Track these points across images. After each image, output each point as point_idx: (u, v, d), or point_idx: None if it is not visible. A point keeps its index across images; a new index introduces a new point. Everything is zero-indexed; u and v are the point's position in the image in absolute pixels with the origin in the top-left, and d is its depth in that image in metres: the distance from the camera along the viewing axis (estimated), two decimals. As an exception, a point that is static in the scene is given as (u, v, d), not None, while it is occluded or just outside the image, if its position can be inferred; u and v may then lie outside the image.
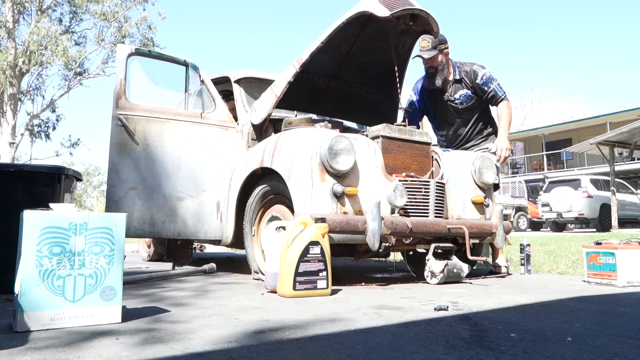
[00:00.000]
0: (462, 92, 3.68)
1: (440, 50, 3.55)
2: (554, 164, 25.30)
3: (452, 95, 3.70)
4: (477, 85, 3.63)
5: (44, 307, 1.61)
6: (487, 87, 3.61)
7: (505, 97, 3.63)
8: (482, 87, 3.61)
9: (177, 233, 3.32)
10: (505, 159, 3.60)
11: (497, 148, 3.60)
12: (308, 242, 2.36)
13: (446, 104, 3.74)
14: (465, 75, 3.65)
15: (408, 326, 1.66)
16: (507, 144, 3.59)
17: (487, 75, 3.62)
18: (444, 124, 3.87)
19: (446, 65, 3.64)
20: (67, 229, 1.66)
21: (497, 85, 3.62)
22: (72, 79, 19.28)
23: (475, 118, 3.76)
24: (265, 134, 3.53)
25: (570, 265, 3.89)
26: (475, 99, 3.68)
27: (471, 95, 3.67)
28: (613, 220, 13.65)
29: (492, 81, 3.61)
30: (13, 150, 17.75)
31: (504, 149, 3.58)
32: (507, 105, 3.63)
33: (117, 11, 19.17)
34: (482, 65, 3.68)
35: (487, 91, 3.61)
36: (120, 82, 3.26)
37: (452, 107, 3.73)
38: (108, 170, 3.16)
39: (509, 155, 3.62)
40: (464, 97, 3.68)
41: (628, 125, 14.46)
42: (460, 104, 3.70)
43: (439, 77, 3.64)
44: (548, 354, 1.31)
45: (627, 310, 2.01)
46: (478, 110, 3.74)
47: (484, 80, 3.61)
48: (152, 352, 1.31)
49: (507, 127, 3.63)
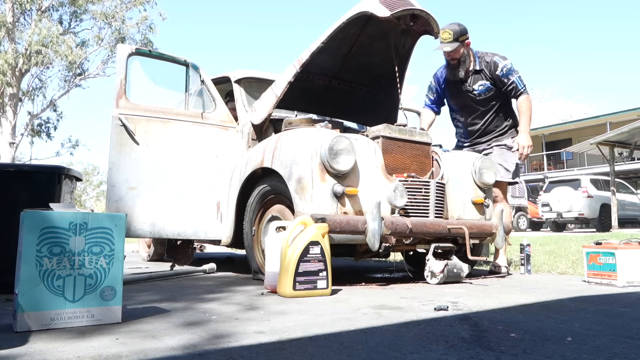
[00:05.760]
0: (481, 83, 3.65)
1: (462, 41, 3.54)
2: (554, 164, 25.30)
3: (471, 85, 3.67)
4: (497, 77, 3.59)
5: (44, 307, 1.61)
6: (507, 79, 3.57)
7: (525, 90, 3.58)
8: (502, 78, 3.57)
9: (177, 233, 3.32)
10: (527, 156, 3.58)
11: (518, 145, 3.57)
12: (308, 242, 2.36)
13: (465, 94, 3.72)
14: (486, 66, 3.62)
15: (408, 326, 1.66)
16: (528, 141, 3.55)
17: (508, 66, 3.58)
18: (462, 114, 3.85)
19: (467, 56, 3.61)
20: (67, 229, 1.66)
21: (518, 77, 3.58)
22: (72, 79, 19.29)
23: (494, 110, 3.71)
24: (265, 134, 3.53)
25: (570, 265, 3.89)
26: (494, 91, 3.64)
27: (490, 86, 3.63)
28: (613, 220, 13.66)
29: (513, 73, 3.57)
30: (13, 150, 17.76)
31: (525, 147, 3.54)
32: (527, 99, 3.59)
33: (116, 12, 19.17)
34: (503, 57, 3.63)
35: (507, 83, 3.57)
36: (121, 82, 3.26)
37: (471, 97, 3.70)
38: (108, 170, 3.16)
39: (530, 153, 3.58)
40: (482, 88, 3.65)
41: (628, 125, 14.47)
42: (479, 94, 3.67)
43: (462, 68, 3.63)
44: (548, 354, 1.31)
45: (627, 310, 2.01)
46: (497, 102, 3.69)
47: (504, 72, 3.57)
48: (152, 352, 1.31)
49: (528, 123, 3.59)
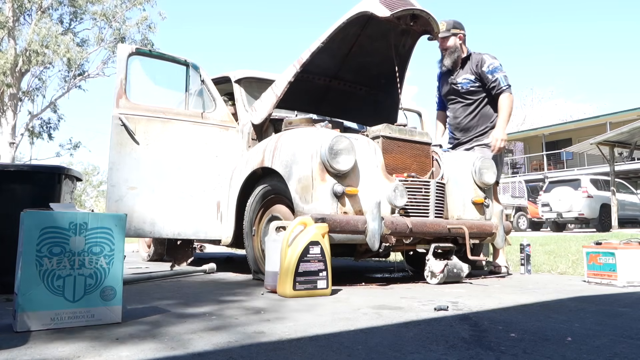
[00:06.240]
0: (465, 77, 3.70)
1: (454, 34, 3.63)
2: (554, 164, 25.29)
3: (456, 78, 3.73)
4: (482, 73, 3.63)
5: (44, 307, 1.61)
6: (492, 76, 3.60)
7: (507, 89, 3.59)
8: (487, 74, 3.61)
9: (177, 233, 3.32)
10: (500, 149, 3.57)
11: (492, 138, 3.59)
12: (308, 242, 2.36)
13: (450, 86, 3.79)
14: (474, 62, 3.68)
15: (408, 326, 1.66)
16: (502, 135, 3.56)
17: (495, 65, 3.61)
18: (449, 107, 3.90)
19: (458, 50, 3.68)
20: (67, 229, 1.66)
21: (503, 76, 3.60)
22: (72, 79, 19.29)
23: (476, 106, 3.73)
24: (265, 134, 3.53)
25: (570, 265, 3.89)
26: (477, 87, 3.67)
27: (473, 81, 3.67)
28: (613, 220, 13.65)
29: (499, 71, 3.60)
30: (13, 150, 17.76)
31: (498, 140, 3.55)
32: (508, 97, 3.60)
33: (116, 12, 19.17)
34: (493, 56, 3.68)
35: (491, 80, 3.60)
36: (121, 82, 3.26)
37: (454, 89, 3.77)
38: (108, 169, 3.16)
39: (504, 147, 3.58)
40: (465, 82, 3.70)
41: (628, 125, 14.46)
42: (462, 87, 3.72)
43: (449, 58, 3.70)
44: (548, 354, 1.31)
45: (627, 310, 2.01)
46: (480, 98, 3.71)
47: (490, 68, 3.61)
48: (152, 352, 1.31)
49: (506, 119, 3.60)
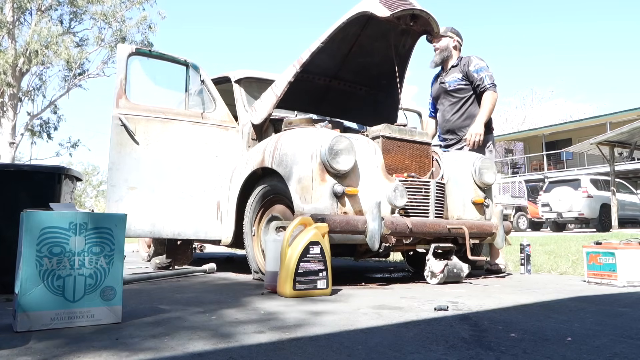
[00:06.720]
0: (453, 76, 3.82)
1: (449, 37, 3.80)
2: (554, 164, 25.29)
3: (445, 78, 3.86)
4: (468, 72, 3.73)
5: (44, 307, 1.61)
6: (477, 75, 3.70)
7: (491, 87, 3.66)
8: (473, 73, 3.71)
9: (177, 233, 3.32)
10: (475, 144, 3.58)
11: (468, 133, 3.63)
12: (308, 242, 2.36)
13: (440, 86, 3.91)
14: (462, 62, 3.80)
15: (408, 326, 1.66)
16: (479, 130, 3.59)
17: (481, 65, 3.73)
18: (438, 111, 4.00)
19: (449, 50, 3.83)
20: (67, 229, 1.66)
21: (488, 75, 3.69)
22: (72, 79, 19.29)
23: (462, 104, 3.79)
24: (265, 134, 3.53)
25: (570, 265, 3.89)
26: (464, 84, 3.76)
27: (460, 80, 3.77)
28: (613, 220, 13.65)
29: (485, 71, 3.71)
30: (13, 150, 17.76)
31: (473, 134, 3.58)
32: (491, 94, 3.66)
33: (116, 11, 19.17)
34: (481, 58, 3.79)
35: (476, 78, 3.70)
36: (121, 82, 3.26)
37: (442, 88, 3.88)
38: (108, 169, 3.16)
39: (479, 141, 3.59)
40: (452, 80, 3.81)
41: (628, 125, 14.45)
42: (449, 85, 3.82)
43: (438, 55, 3.85)
44: (548, 354, 1.31)
45: (627, 310, 2.01)
46: (466, 97, 3.78)
47: (476, 68, 3.72)
48: (152, 352, 1.31)
49: (486, 114, 3.63)
